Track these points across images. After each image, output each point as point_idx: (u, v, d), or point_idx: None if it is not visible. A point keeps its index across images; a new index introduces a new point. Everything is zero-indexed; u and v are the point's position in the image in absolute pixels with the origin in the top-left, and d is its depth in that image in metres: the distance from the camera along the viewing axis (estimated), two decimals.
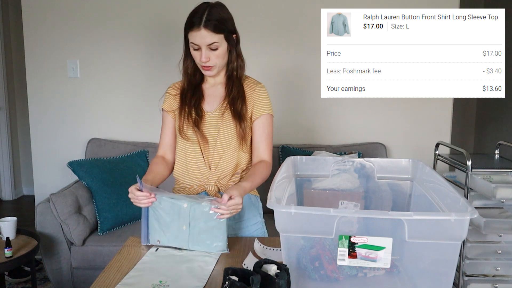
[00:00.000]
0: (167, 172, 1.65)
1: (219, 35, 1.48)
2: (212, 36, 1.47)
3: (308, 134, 3.14)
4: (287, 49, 3.04)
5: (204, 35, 1.46)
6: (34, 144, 3.13)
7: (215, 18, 1.47)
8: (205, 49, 1.49)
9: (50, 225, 2.49)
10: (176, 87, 1.66)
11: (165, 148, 1.67)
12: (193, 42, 1.49)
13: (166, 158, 1.67)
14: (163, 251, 1.43)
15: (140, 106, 3.10)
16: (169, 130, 1.67)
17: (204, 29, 1.46)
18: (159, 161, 1.64)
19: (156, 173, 1.59)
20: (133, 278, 1.26)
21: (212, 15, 1.47)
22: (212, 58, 1.50)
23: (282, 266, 0.96)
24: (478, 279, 2.05)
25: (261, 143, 1.60)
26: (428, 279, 1.06)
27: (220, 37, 1.49)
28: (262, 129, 1.60)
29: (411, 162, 1.39)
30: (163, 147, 1.68)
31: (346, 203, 1.36)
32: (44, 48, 3.04)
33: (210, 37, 1.47)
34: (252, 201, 1.66)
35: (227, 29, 1.50)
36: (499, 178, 2.11)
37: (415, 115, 3.11)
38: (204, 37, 1.46)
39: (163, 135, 1.68)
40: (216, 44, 1.48)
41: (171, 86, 1.68)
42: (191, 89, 1.61)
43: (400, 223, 0.96)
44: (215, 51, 1.50)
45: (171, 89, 1.67)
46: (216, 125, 1.58)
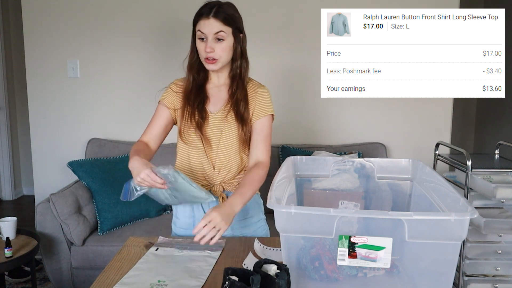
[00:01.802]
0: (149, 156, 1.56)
1: (226, 27, 1.49)
2: (220, 25, 1.48)
3: (308, 134, 3.14)
4: (287, 49, 3.04)
5: (212, 23, 1.47)
6: (34, 144, 3.13)
7: (225, 12, 1.50)
8: (211, 39, 1.49)
9: (50, 225, 2.49)
10: (179, 85, 1.64)
11: (150, 137, 1.60)
12: (200, 30, 1.49)
13: (150, 146, 1.59)
14: (163, 250, 1.43)
15: (140, 106, 3.09)
16: (160, 122, 1.61)
17: (213, 18, 1.47)
18: (144, 144, 1.57)
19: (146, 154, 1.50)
20: (132, 278, 1.26)
21: (222, 8, 1.50)
22: (217, 50, 1.50)
23: (282, 266, 0.96)
24: (478, 279, 2.05)
25: (259, 143, 1.59)
26: (428, 279, 1.06)
27: (227, 29, 1.50)
28: (261, 129, 1.59)
29: (411, 162, 1.39)
30: (148, 135, 1.60)
31: (346, 203, 1.36)
32: (44, 48, 3.04)
33: (218, 26, 1.48)
34: (255, 199, 1.66)
35: (235, 24, 1.52)
36: (499, 178, 2.11)
37: (415, 115, 3.11)
38: (212, 25, 1.47)
39: (152, 124, 1.62)
40: (222, 34, 1.49)
41: (174, 83, 1.66)
42: (195, 89, 1.59)
43: (400, 223, 0.96)
44: (220, 43, 1.50)
45: (174, 86, 1.64)
46: (220, 127, 1.57)
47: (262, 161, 1.57)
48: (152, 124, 1.62)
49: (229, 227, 1.55)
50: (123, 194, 1.39)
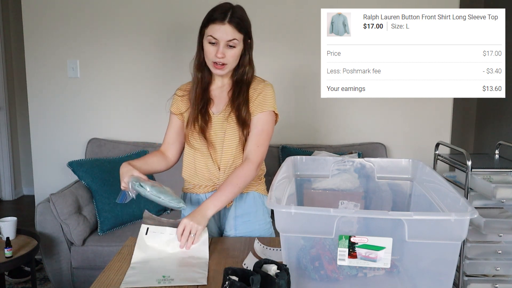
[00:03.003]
0: (162, 165, 1.66)
1: (239, 34, 1.50)
2: (234, 33, 1.48)
3: (308, 134, 3.14)
4: (287, 49, 3.04)
5: (228, 30, 1.47)
6: (34, 144, 3.13)
7: (239, 17, 1.49)
8: (223, 45, 1.48)
9: (50, 225, 2.49)
10: (183, 88, 1.67)
11: (167, 146, 1.69)
12: (212, 35, 1.48)
13: (166, 155, 1.68)
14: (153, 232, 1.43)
15: (140, 106, 3.10)
16: (173, 130, 1.68)
17: (229, 24, 1.47)
18: (157, 153, 1.67)
19: (146, 162, 1.60)
20: (134, 277, 1.26)
21: (236, 13, 1.49)
22: (227, 56, 1.50)
23: (282, 266, 0.96)
24: (478, 279, 2.05)
25: (251, 139, 1.57)
26: (428, 279, 1.06)
27: (240, 37, 1.50)
28: (255, 125, 1.57)
29: (411, 162, 1.39)
30: (164, 145, 1.70)
31: (346, 203, 1.36)
32: (44, 48, 3.04)
33: (232, 34, 1.47)
34: (263, 201, 1.67)
35: (246, 30, 1.53)
36: (499, 178, 2.11)
37: (415, 115, 3.11)
38: (227, 32, 1.47)
39: (167, 133, 1.70)
40: (235, 42, 1.49)
41: (179, 88, 1.69)
42: (200, 90, 1.59)
43: (400, 223, 0.96)
44: (231, 50, 1.50)
45: (179, 91, 1.68)
46: (222, 128, 1.58)
47: (250, 157, 1.55)
48: (166, 133, 1.70)
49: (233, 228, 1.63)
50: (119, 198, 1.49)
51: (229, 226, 1.64)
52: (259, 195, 1.66)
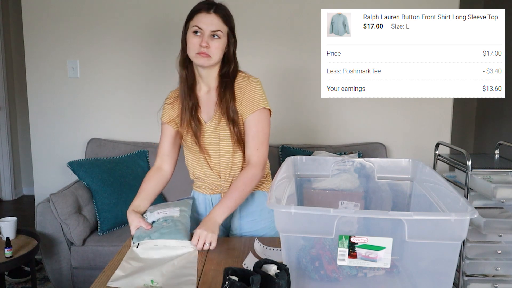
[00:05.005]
0: (161, 185, 1.67)
1: (225, 27, 1.51)
2: (219, 23, 1.49)
3: (308, 134, 3.14)
4: (287, 49, 3.04)
5: (213, 19, 1.48)
6: (34, 144, 3.13)
7: (224, 10, 1.52)
8: (208, 35, 1.48)
9: (50, 225, 2.49)
10: (171, 96, 1.67)
11: (162, 157, 1.68)
12: (197, 25, 1.48)
13: (163, 169, 1.68)
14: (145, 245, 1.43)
15: (140, 106, 3.10)
16: (167, 140, 1.67)
17: (214, 14, 1.48)
18: (152, 175, 1.67)
19: (148, 194, 1.62)
20: (123, 279, 1.24)
21: (221, 6, 1.52)
22: (211, 46, 1.48)
23: (282, 266, 0.96)
24: (478, 279, 2.05)
25: (249, 142, 1.55)
26: (428, 279, 1.06)
27: (225, 29, 1.51)
28: (250, 127, 1.54)
29: (411, 162, 1.39)
30: (160, 156, 1.69)
31: (346, 203, 1.36)
32: (44, 48, 3.04)
33: (218, 24, 1.48)
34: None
35: (230, 25, 1.53)
36: (499, 178, 2.11)
37: (415, 115, 3.11)
38: (213, 21, 1.48)
39: (161, 144, 1.69)
40: (219, 33, 1.49)
41: (167, 97, 1.69)
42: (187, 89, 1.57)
43: (400, 223, 0.96)
44: (216, 41, 1.49)
45: (167, 99, 1.68)
46: (216, 135, 1.57)
47: (252, 161, 1.55)
48: (160, 144, 1.69)
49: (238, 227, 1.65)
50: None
51: (235, 225, 1.65)
52: (264, 194, 1.66)
